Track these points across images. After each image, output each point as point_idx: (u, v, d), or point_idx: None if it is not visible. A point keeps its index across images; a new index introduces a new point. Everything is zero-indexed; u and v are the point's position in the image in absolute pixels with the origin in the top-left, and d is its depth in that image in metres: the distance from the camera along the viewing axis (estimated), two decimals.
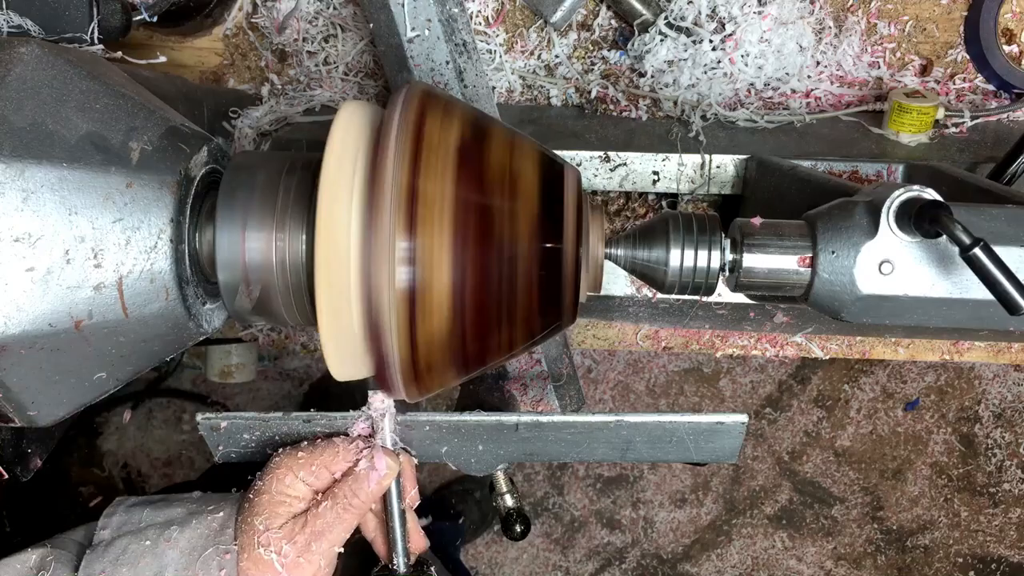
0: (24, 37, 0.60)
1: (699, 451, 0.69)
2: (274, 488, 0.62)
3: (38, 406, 0.54)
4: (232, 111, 0.98)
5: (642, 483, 2.25)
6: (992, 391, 2.18)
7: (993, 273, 0.50)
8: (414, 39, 0.83)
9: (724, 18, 0.96)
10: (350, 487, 0.63)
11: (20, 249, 0.50)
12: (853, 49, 1.01)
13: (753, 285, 0.61)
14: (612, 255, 0.64)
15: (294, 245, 0.59)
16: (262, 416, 0.67)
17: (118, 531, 0.62)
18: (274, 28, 1.01)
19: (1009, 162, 0.76)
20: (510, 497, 0.87)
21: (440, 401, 1.87)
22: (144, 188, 0.56)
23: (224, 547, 0.60)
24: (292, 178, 0.60)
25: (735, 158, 0.91)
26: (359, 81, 1.04)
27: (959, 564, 2.25)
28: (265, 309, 0.61)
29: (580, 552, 2.27)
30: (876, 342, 1.08)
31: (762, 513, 2.26)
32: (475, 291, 0.55)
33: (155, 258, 0.56)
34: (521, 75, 1.03)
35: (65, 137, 0.52)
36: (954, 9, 1.01)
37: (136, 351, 0.59)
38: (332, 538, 0.62)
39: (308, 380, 2.17)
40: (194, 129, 0.63)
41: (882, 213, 0.56)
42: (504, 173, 0.57)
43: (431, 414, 0.68)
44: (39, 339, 0.52)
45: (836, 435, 2.22)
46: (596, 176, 0.92)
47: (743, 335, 1.07)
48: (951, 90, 1.03)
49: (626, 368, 2.19)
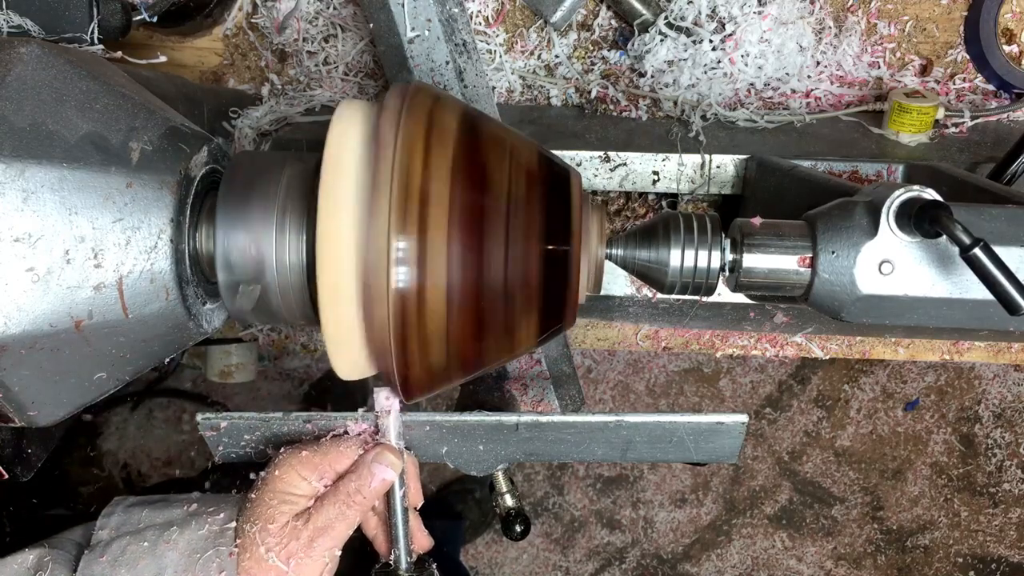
0: (24, 37, 0.60)
1: (699, 451, 0.69)
2: (278, 486, 0.62)
3: (38, 406, 0.54)
4: (232, 111, 0.97)
5: (642, 483, 2.25)
6: (992, 391, 2.18)
7: (993, 273, 0.50)
8: (414, 39, 0.83)
9: (724, 18, 0.96)
10: (354, 484, 0.63)
11: (20, 249, 0.50)
12: (853, 49, 1.01)
13: (753, 285, 0.61)
14: (612, 255, 0.64)
15: (294, 245, 0.59)
16: (262, 416, 0.67)
17: (117, 531, 0.62)
18: (274, 28, 1.01)
19: (1009, 162, 0.76)
20: (510, 497, 0.87)
21: (440, 401, 1.87)
22: (144, 188, 0.56)
23: (225, 548, 0.60)
24: (292, 178, 0.60)
25: (735, 158, 0.91)
26: (359, 81, 1.04)
27: (959, 564, 2.25)
28: (265, 309, 0.61)
29: (580, 552, 2.27)
30: (876, 342, 1.08)
31: (762, 513, 2.26)
32: (474, 292, 0.55)
33: (155, 258, 0.56)
34: (521, 75, 1.03)
35: (65, 137, 0.52)
36: (954, 9, 1.01)
37: (136, 351, 0.59)
38: (336, 535, 0.62)
39: (308, 380, 2.17)
40: (194, 129, 0.63)
41: (882, 213, 0.56)
42: (503, 174, 0.57)
43: (431, 414, 0.68)
44: (39, 339, 0.52)
45: (836, 435, 2.22)
46: (596, 176, 0.92)
47: (743, 335, 1.07)
48: (951, 90, 1.03)
49: (626, 368, 2.19)
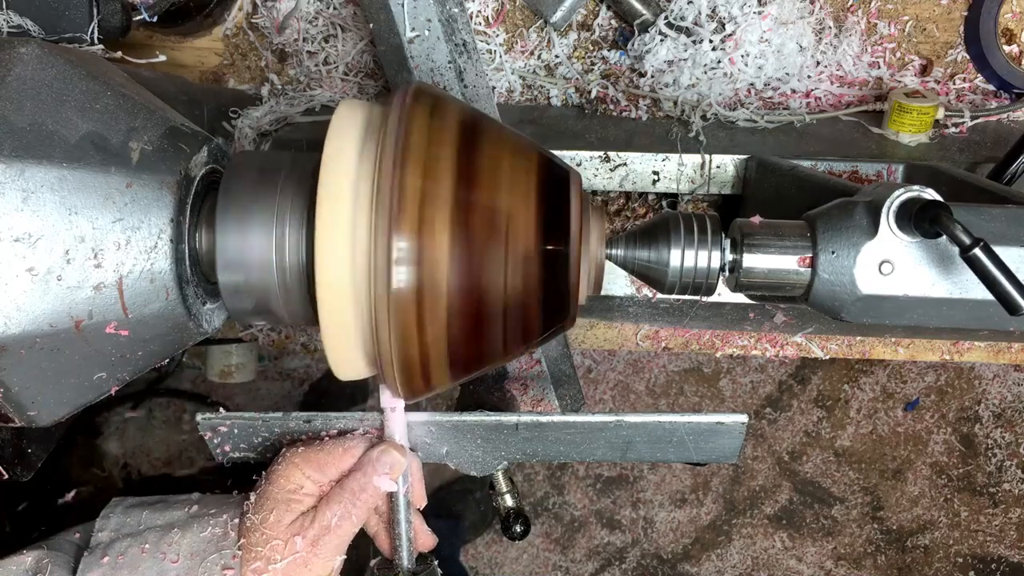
0: (24, 37, 0.60)
1: (699, 451, 0.69)
2: (282, 485, 0.62)
3: (38, 406, 0.54)
4: (232, 111, 0.97)
5: (642, 483, 2.25)
6: (992, 391, 2.18)
7: (993, 273, 0.50)
8: (414, 39, 0.83)
9: (724, 18, 0.96)
10: (358, 482, 0.63)
11: (20, 249, 0.50)
12: (853, 49, 1.01)
13: (753, 285, 0.61)
14: (612, 255, 0.63)
15: (294, 245, 0.59)
16: (262, 416, 0.68)
17: (116, 533, 0.62)
18: (274, 28, 1.01)
19: (1009, 162, 0.76)
20: (510, 497, 0.87)
21: (440, 401, 1.87)
22: (144, 188, 0.56)
23: (229, 551, 0.60)
24: (292, 178, 0.60)
25: (735, 158, 0.91)
26: (359, 81, 1.04)
27: (959, 564, 2.25)
28: (265, 309, 0.61)
29: (580, 552, 2.27)
30: (876, 342, 1.08)
31: (762, 513, 2.26)
32: (474, 292, 0.55)
33: (155, 258, 0.56)
34: (521, 75, 1.03)
35: (65, 137, 0.52)
36: (954, 9, 1.01)
37: (136, 351, 0.59)
38: (342, 534, 0.62)
39: (308, 380, 2.17)
40: (194, 129, 0.63)
41: (882, 213, 0.56)
42: (504, 174, 0.56)
43: (431, 414, 0.68)
44: (39, 339, 0.51)
45: (836, 435, 2.22)
46: (596, 176, 0.92)
47: (743, 335, 1.07)
48: (951, 90, 1.03)
49: (626, 368, 2.19)
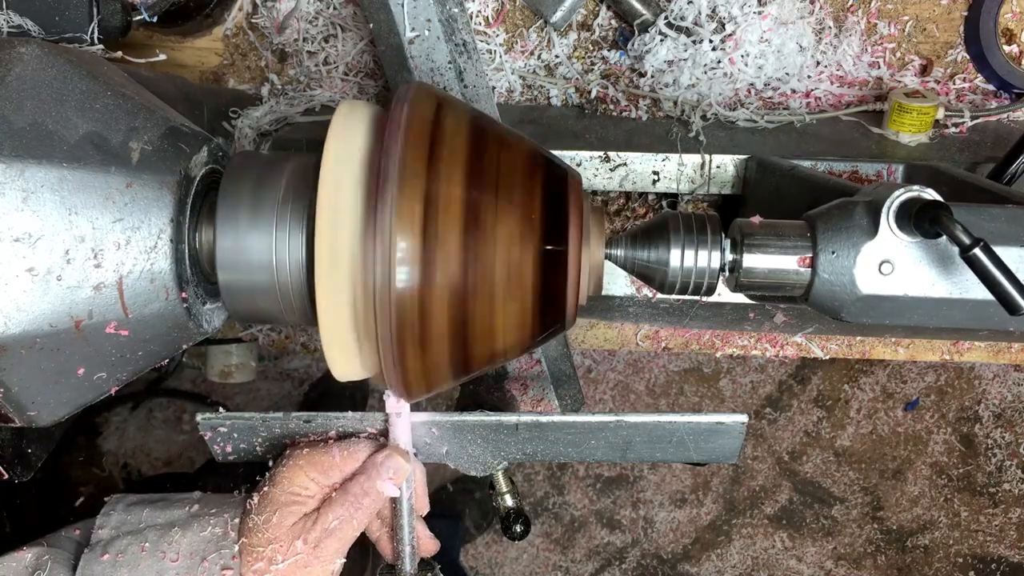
0: (24, 37, 0.60)
1: (699, 451, 0.69)
2: (285, 487, 0.62)
3: (38, 406, 0.54)
4: (232, 111, 0.97)
5: (642, 483, 2.25)
6: (992, 391, 2.18)
7: (993, 273, 0.50)
8: (414, 39, 0.83)
9: (724, 18, 0.96)
10: (361, 486, 0.63)
11: (20, 249, 0.50)
12: (853, 49, 1.01)
13: (753, 285, 0.61)
14: (612, 255, 0.63)
15: (294, 245, 0.59)
16: (262, 416, 0.68)
17: (117, 531, 0.62)
18: (274, 28, 1.01)
19: (1009, 162, 0.76)
20: (510, 497, 0.87)
21: (440, 401, 1.87)
22: (144, 188, 0.56)
23: (229, 551, 0.60)
24: (292, 178, 0.60)
25: (735, 158, 0.91)
26: (359, 81, 1.04)
27: (959, 564, 2.25)
28: (265, 309, 0.61)
29: (580, 552, 2.27)
30: (876, 342, 1.08)
31: (762, 513, 2.26)
32: (474, 292, 0.55)
33: (155, 258, 0.56)
34: (521, 75, 1.03)
35: (65, 137, 0.52)
36: (954, 9, 1.01)
37: (136, 351, 0.59)
38: (344, 537, 0.62)
39: (308, 380, 2.17)
40: (194, 129, 0.63)
41: (882, 213, 0.56)
42: (504, 175, 0.56)
43: (431, 414, 0.68)
44: (39, 339, 0.51)
45: (836, 435, 2.22)
46: (596, 176, 0.92)
47: (743, 335, 1.07)
48: (951, 90, 1.03)
49: (626, 368, 2.19)
